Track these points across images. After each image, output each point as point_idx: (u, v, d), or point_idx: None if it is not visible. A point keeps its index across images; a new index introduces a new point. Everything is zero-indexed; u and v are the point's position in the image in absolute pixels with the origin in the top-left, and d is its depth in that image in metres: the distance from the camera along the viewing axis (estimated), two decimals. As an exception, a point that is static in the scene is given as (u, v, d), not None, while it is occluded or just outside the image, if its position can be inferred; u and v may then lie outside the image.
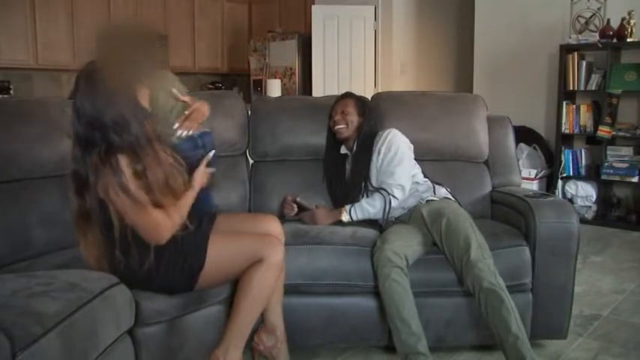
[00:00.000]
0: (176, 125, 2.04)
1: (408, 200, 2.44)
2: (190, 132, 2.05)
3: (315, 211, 2.47)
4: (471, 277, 2.06)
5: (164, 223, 1.74)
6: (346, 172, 2.62)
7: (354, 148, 2.58)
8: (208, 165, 2.00)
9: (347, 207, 2.43)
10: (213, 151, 2.04)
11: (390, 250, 2.12)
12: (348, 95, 2.68)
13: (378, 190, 2.43)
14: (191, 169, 1.92)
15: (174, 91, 2.03)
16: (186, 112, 2.06)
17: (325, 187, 2.70)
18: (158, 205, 1.73)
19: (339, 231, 2.34)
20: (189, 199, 1.86)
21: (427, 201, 2.43)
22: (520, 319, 2.01)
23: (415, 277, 2.15)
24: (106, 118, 1.68)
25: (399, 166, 2.43)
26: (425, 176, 2.55)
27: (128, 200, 1.66)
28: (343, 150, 2.65)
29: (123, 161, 1.66)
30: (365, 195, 2.48)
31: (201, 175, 1.96)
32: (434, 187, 2.50)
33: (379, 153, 2.47)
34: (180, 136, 2.03)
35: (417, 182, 2.50)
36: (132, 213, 1.69)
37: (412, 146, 2.56)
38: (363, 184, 2.50)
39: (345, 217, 2.42)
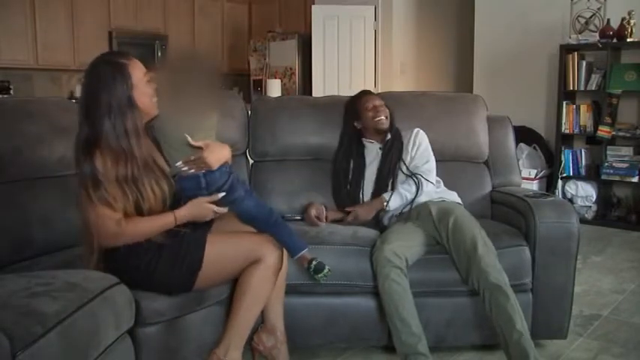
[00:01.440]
0: (179, 163, 1.86)
1: (420, 197, 2.45)
2: (192, 170, 1.87)
3: (356, 209, 2.47)
4: (477, 273, 2.07)
5: (106, 226, 1.71)
6: (365, 166, 2.60)
7: (387, 140, 2.58)
8: (220, 204, 1.90)
9: (385, 196, 2.45)
10: (223, 193, 1.90)
11: (390, 251, 2.12)
12: (369, 92, 2.74)
13: (413, 175, 2.47)
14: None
15: (186, 136, 1.83)
16: (192, 158, 1.85)
17: (327, 185, 2.67)
18: (107, 204, 1.70)
19: (339, 231, 2.34)
20: (160, 222, 1.80)
21: (437, 200, 2.44)
22: (524, 317, 2.02)
23: (415, 277, 2.15)
24: (81, 106, 1.76)
25: (431, 158, 2.53)
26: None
27: (82, 190, 1.70)
28: (369, 146, 2.63)
29: (81, 151, 1.71)
30: (392, 186, 2.51)
31: (198, 209, 1.87)
32: (445, 192, 2.54)
33: (412, 146, 2.53)
34: (180, 170, 1.87)
35: (438, 180, 2.56)
36: (83, 203, 1.72)
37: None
38: (393, 174, 2.53)
39: (387, 207, 2.45)
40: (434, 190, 2.49)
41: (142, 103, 1.78)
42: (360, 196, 2.56)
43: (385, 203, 2.44)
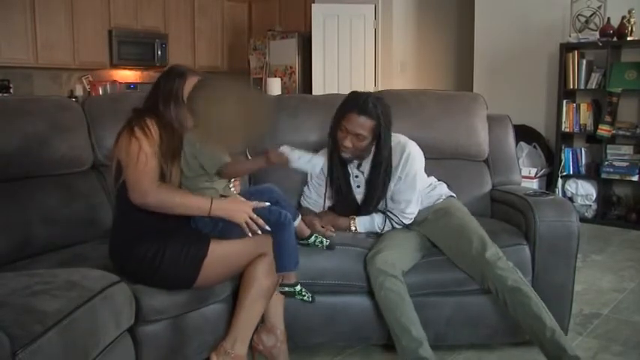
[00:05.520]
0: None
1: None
2: None
3: (324, 218, 2.39)
4: (492, 278, 2.06)
5: (141, 183, 1.81)
6: (350, 181, 2.40)
7: (368, 170, 2.34)
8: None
9: (357, 220, 2.36)
10: (267, 204, 1.95)
11: (381, 260, 2.11)
12: (369, 113, 2.19)
13: (389, 212, 2.33)
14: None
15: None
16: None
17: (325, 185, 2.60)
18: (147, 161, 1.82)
19: (339, 232, 2.34)
20: (194, 201, 1.86)
21: (432, 205, 2.42)
22: (549, 312, 2.01)
23: (415, 280, 2.15)
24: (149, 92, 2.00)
25: (414, 193, 2.32)
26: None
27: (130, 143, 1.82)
28: (349, 165, 2.41)
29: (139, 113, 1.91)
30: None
31: (236, 205, 1.91)
32: (435, 189, 2.50)
33: (399, 180, 2.31)
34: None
35: (426, 186, 2.45)
36: (128, 160, 1.83)
37: (423, 158, 2.43)
38: (378, 202, 2.36)
39: (352, 229, 2.36)
40: (426, 192, 2.45)
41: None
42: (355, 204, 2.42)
43: (353, 228, 2.35)
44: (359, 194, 2.40)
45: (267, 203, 1.96)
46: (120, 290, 1.71)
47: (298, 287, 1.98)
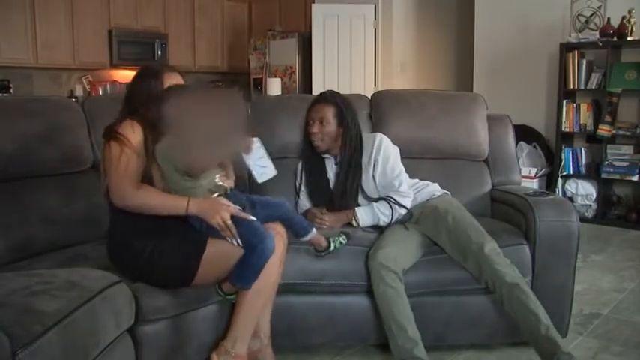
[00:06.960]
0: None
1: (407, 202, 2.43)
2: None
3: (325, 218, 2.39)
4: (490, 273, 2.07)
5: (121, 186, 1.82)
6: (330, 177, 2.51)
7: (341, 160, 2.46)
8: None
9: (358, 212, 2.38)
10: (239, 208, 1.90)
11: (383, 255, 2.11)
12: (327, 99, 2.49)
13: (386, 199, 2.38)
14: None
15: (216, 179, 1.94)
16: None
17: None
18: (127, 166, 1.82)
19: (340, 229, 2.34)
20: (171, 200, 1.84)
21: (427, 200, 2.44)
22: (543, 309, 2.03)
23: (415, 279, 2.15)
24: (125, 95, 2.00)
25: (402, 175, 2.43)
26: (410, 177, 2.53)
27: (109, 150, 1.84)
28: (326, 160, 2.54)
29: (118, 120, 1.91)
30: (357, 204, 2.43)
31: (212, 205, 1.86)
32: (427, 186, 2.51)
33: (376, 163, 2.42)
34: None
35: (413, 184, 2.50)
36: (107, 166, 1.85)
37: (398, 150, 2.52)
38: (356, 193, 2.42)
39: (355, 223, 2.38)
40: (423, 191, 2.48)
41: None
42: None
43: (354, 220, 2.37)
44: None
45: (253, 218, 1.89)
46: (120, 290, 1.71)
47: (232, 297, 1.94)
